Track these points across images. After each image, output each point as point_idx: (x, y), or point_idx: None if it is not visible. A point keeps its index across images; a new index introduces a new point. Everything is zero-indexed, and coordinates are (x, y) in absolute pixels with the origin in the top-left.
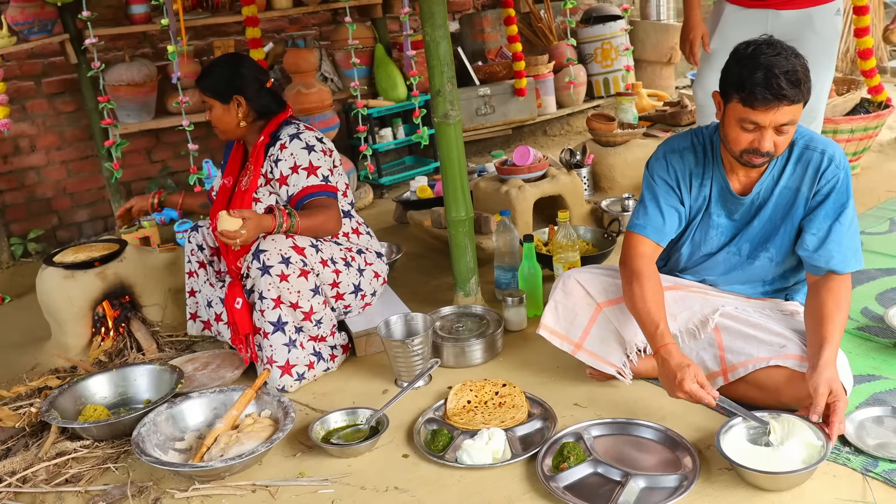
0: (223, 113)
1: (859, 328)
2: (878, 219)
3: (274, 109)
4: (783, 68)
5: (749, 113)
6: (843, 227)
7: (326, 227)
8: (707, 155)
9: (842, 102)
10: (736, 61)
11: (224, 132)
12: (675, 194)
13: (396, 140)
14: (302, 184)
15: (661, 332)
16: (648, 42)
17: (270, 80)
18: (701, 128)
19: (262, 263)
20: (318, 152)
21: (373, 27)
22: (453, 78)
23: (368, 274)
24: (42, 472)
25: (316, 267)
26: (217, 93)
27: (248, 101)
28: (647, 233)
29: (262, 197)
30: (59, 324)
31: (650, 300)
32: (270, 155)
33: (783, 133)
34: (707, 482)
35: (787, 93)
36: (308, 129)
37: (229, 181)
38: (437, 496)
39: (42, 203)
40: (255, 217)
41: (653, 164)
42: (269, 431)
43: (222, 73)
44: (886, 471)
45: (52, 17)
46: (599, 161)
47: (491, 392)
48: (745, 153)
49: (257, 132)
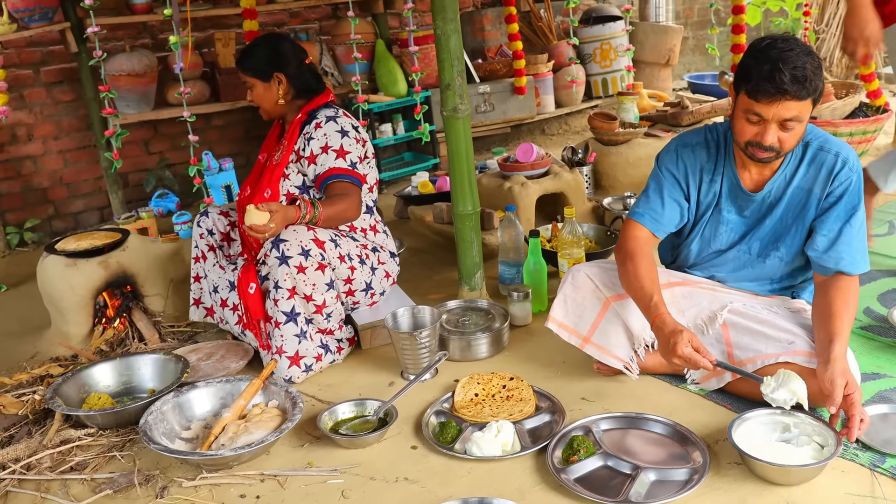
0: (265, 91)
1: (863, 328)
2: (878, 221)
3: (314, 87)
4: (791, 64)
5: (753, 105)
6: (853, 229)
7: (347, 214)
8: (720, 150)
9: (841, 106)
10: (750, 54)
11: (266, 111)
12: (681, 189)
13: (396, 136)
14: (329, 164)
15: (655, 304)
16: (647, 43)
17: (309, 58)
18: (716, 124)
19: (280, 253)
20: (350, 138)
21: (374, 23)
22: (463, 72)
23: (380, 273)
24: (46, 459)
25: (333, 262)
26: (258, 71)
27: (288, 78)
28: (645, 221)
29: (290, 174)
30: (60, 312)
31: (644, 276)
32: (305, 133)
33: (788, 129)
34: (717, 475)
35: (788, 88)
36: (346, 115)
37: (264, 157)
38: (447, 487)
39: (38, 193)
40: (282, 210)
41: (663, 156)
42: (277, 421)
43: (262, 52)
44: (894, 466)
45: (52, 4)
46: (601, 159)
47: (498, 385)
48: (749, 145)
49: (296, 110)
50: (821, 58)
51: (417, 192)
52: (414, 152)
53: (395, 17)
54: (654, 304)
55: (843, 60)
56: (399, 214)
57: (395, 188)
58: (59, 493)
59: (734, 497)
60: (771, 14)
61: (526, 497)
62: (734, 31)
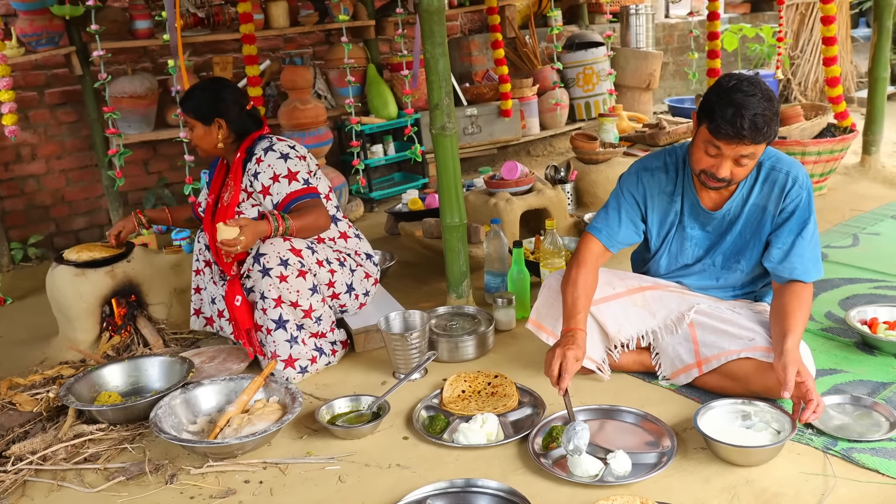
0: (204, 133)
1: (823, 329)
2: (842, 234)
3: (251, 129)
4: (752, 111)
5: (713, 140)
6: (805, 241)
7: (318, 224)
8: (678, 173)
9: (809, 126)
10: (715, 91)
11: (204, 150)
12: (638, 210)
13: (387, 156)
14: (285, 191)
15: (577, 318)
16: (628, 68)
17: (250, 104)
18: (674, 147)
19: (262, 266)
20: (293, 159)
21: (365, 48)
22: (451, 93)
23: (359, 274)
24: (61, 451)
25: (313, 267)
26: (199, 114)
27: (228, 123)
28: (601, 236)
29: (244, 210)
30: (68, 319)
31: (581, 286)
32: (248, 170)
33: (741, 165)
34: (684, 459)
35: (747, 134)
36: (280, 140)
37: (213, 198)
38: (436, 472)
39: (41, 210)
40: (252, 224)
41: (625, 178)
42: (279, 415)
43: (205, 97)
44: (845, 449)
45: (59, 29)
46: (582, 177)
47: (484, 382)
48: (703, 173)
49: (235, 151)
50: (796, 82)
51: (407, 209)
52: (404, 172)
53: (386, 42)
54: (578, 317)
55: (818, 84)
56: (390, 231)
57: (386, 206)
58: (75, 482)
59: (699, 477)
60: (748, 40)
61: (509, 479)
62: (709, 56)
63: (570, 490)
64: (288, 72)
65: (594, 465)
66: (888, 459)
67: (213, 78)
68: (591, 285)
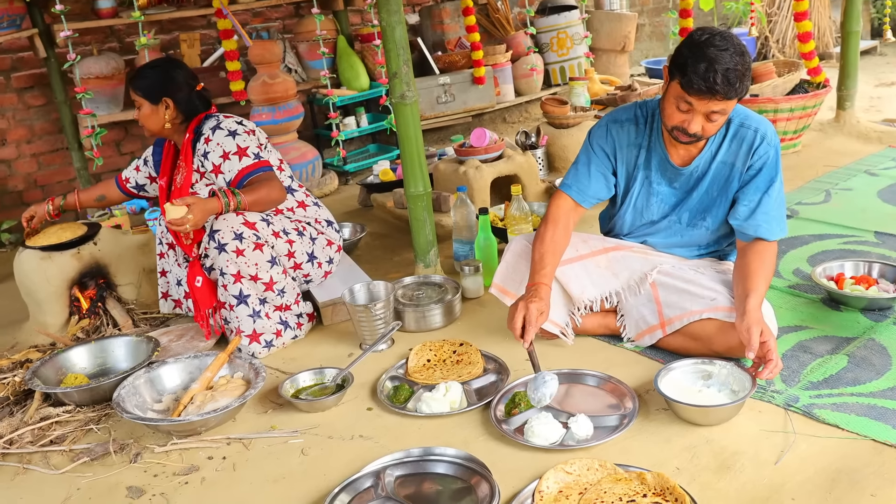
0: (151, 113)
1: (790, 286)
2: (815, 191)
3: (200, 111)
4: (724, 65)
5: (685, 95)
6: (771, 199)
7: (271, 196)
8: (648, 126)
9: (782, 83)
10: (687, 45)
11: (150, 130)
12: (609, 163)
13: (360, 128)
14: (237, 168)
15: (543, 273)
16: (603, 31)
17: (201, 84)
18: (646, 101)
19: (217, 242)
20: (241, 135)
21: (335, 19)
22: (409, 61)
23: (321, 242)
24: (28, 434)
25: (269, 239)
26: (147, 93)
27: (176, 103)
28: (572, 192)
29: (199, 191)
30: (37, 303)
31: (549, 242)
32: (198, 150)
33: (712, 120)
34: (645, 420)
35: (719, 89)
36: (227, 117)
37: (165, 181)
38: (399, 442)
39: (14, 195)
40: (200, 202)
41: (594, 131)
42: (242, 390)
43: (154, 76)
44: (806, 405)
45: (21, 12)
46: (553, 142)
47: (449, 351)
48: (675, 129)
49: (183, 132)
50: (773, 39)
51: (379, 180)
52: (379, 144)
53: (356, 13)
54: (543, 272)
55: (795, 42)
56: (363, 203)
57: (360, 178)
58: (41, 464)
59: (660, 437)
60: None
61: (470, 446)
62: (681, 16)
63: (530, 455)
64: (256, 46)
65: (555, 430)
66: (848, 414)
67: (165, 57)
68: (561, 242)
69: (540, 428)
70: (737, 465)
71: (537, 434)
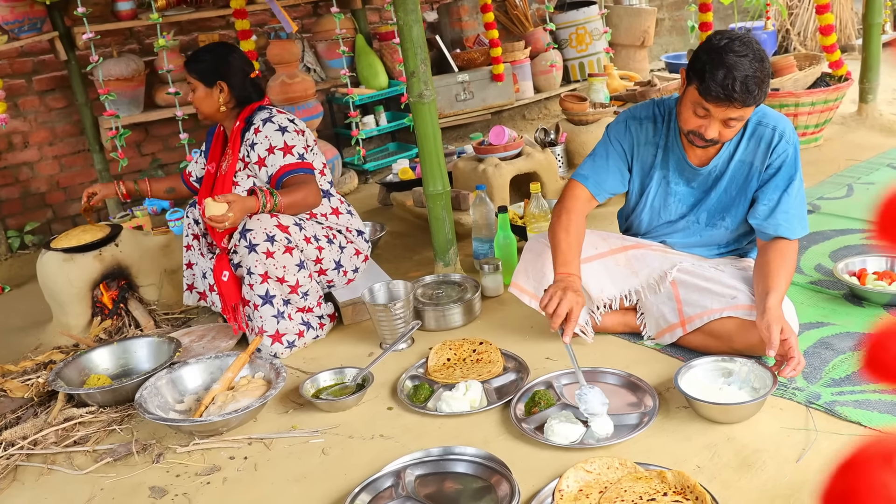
0: (205, 96)
1: (812, 282)
2: (837, 185)
3: (253, 98)
4: (744, 72)
5: (702, 101)
6: (791, 197)
7: (307, 201)
8: (666, 125)
9: (803, 77)
10: (706, 50)
11: (203, 113)
12: (625, 159)
13: (379, 127)
14: (279, 163)
15: (573, 264)
16: (622, 26)
17: (256, 72)
18: (664, 99)
19: (248, 242)
20: (291, 132)
21: (353, 18)
22: (427, 59)
23: (349, 251)
24: (51, 435)
25: (300, 244)
26: (203, 75)
27: (230, 87)
28: (588, 183)
29: (240, 181)
30: (60, 305)
31: (574, 232)
32: (246, 140)
33: (730, 126)
34: (666, 418)
35: (737, 97)
36: (280, 112)
37: (212, 167)
38: (419, 441)
39: (36, 197)
40: (240, 200)
41: (613, 126)
42: (263, 390)
43: (211, 58)
44: (828, 402)
45: (41, 15)
46: (572, 139)
47: (469, 350)
48: (691, 133)
49: (234, 118)
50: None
51: (398, 179)
52: (399, 142)
53: (374, 11)
54: (574, 263)
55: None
56: (382, 201)
57: (379, 177)
58: (65, 465)
59: (681, 436)
60: None
61: (490, 445)
62: (701, 10)
63: (550, 454)
64: (274, 46)
65: (575, 429)
66: (870, 411)
67: (221, 41)
68: (581, 233)
69: (560, 427)
70: (758, 463)
71: (557, 433)
